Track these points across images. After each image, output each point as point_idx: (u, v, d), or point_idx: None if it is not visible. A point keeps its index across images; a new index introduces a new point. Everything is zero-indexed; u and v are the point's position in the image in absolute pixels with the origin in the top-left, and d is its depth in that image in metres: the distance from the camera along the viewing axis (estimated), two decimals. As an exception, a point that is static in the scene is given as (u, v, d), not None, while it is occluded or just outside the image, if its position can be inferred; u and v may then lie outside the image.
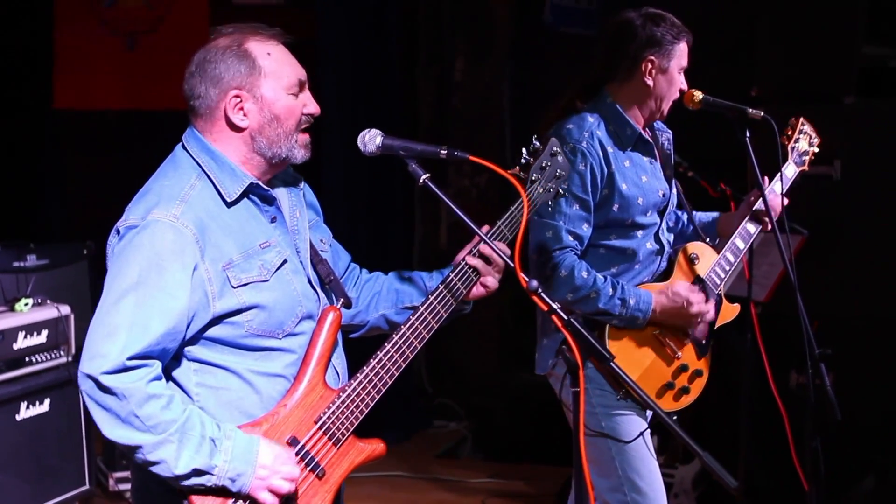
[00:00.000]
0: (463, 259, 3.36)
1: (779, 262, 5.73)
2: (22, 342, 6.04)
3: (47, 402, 6.11)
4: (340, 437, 3.20)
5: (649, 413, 4.34)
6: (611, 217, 4.29)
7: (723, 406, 5.72)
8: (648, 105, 4.40)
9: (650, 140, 4.45)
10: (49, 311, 6.27)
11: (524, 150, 3.48)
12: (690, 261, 4.40)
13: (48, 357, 6.19)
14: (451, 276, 3.34)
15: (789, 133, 4.62)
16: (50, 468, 6.12)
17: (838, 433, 4.58)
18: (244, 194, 3.15)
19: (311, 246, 3.36)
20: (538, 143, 3.46)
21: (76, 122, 9.69)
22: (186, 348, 3.08)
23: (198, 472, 2.96)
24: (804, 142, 4.65)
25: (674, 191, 4.54)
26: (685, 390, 4.41)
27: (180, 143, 3.21)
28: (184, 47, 3.23)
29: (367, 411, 3.24)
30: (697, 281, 4.39)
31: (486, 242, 3.16)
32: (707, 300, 4.35)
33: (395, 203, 8.58)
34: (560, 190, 3.51)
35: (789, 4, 6.37)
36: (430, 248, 8.96)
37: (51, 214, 9.47)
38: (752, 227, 4.51)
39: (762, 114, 4.19)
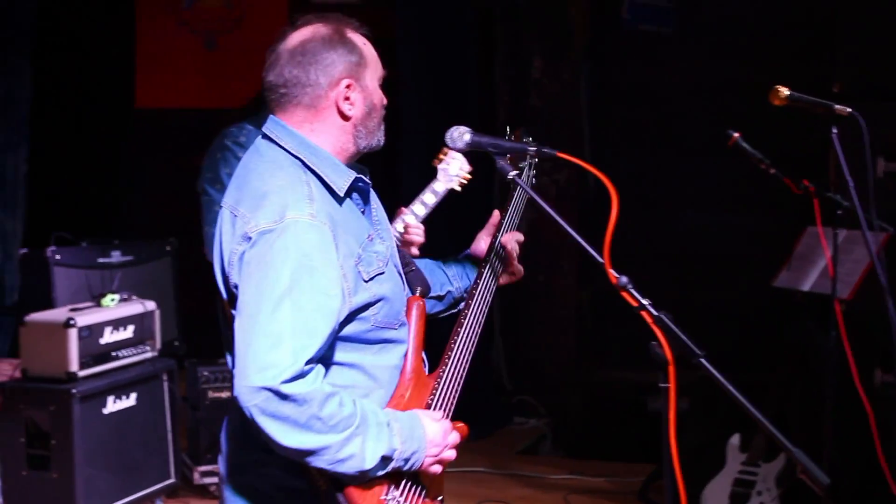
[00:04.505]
0: (499, 244, 3.50)
1: (862, 259, 5.70)
2: (109, 337, 6.12)
3: (133, 396, 6.19)
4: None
5: None
6: None
7: (807, 404, 5.69)
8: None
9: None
10: (135, 307, 6.35)
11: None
12: None
13: (134, 352, 6.27)
14: (492, 259, 3.45)
15: (440, 157, 4.70)
16: (136, 461, 6.19)
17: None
18: (350, 188, 3.09)
19: None
20: (511, 133, 3.56)
21: (157, 121, 9.81)
22: None
23: (384, 459, 2.93)
24: (454, 166, 4.74)
25: None
26: None
27: (262, 139, 3.12)
28: (263, 46, 3.21)
29: (458, 394, 3.27)
30: None
31: (575, 238, 3.16)
32: None
33: (474, 201, 8.59)
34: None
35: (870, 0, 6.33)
36: (508, 246, 8.96)
37: (133, 212, 9.59)
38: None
39: (849, 110, 4.16)
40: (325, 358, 2.96)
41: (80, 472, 5.79)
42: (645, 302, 2.93)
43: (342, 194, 3.05)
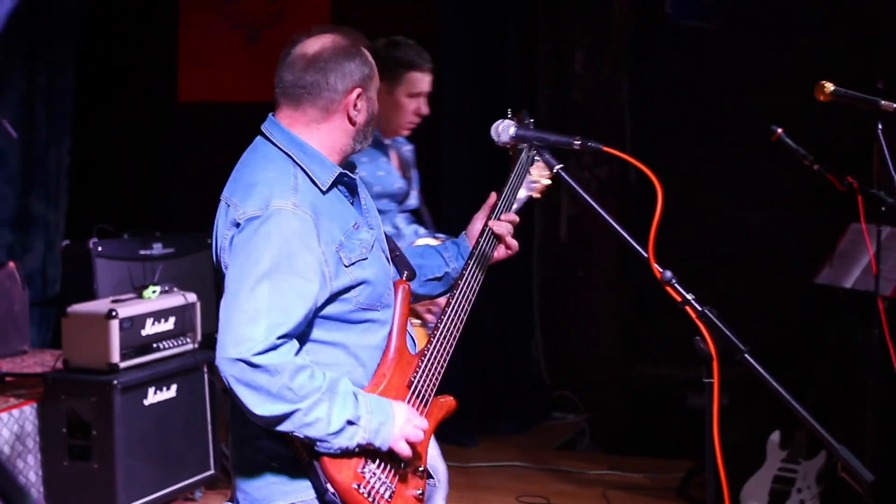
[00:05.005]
0: (488, 226, 3.61)
1: (906, 256, 5.67)
2: (150, 328, 6.15)
3: (174, 387, 6.22)
4: (427, 397, 3.38)
5: None
6: None
7: (848, 402, 5.66)
8: (380, 122, 4.68)
9: (388, 145, 4.93)
10: (176, 299, 6.38)
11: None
12: None
13: (175, 343, 6.31)
14: (482, 242, 3.58)
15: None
16: (176, 453, 6.22)
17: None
18: (334, 183, 3.31)
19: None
20: (512, 116, 3.65)
21: (199, 114, 9.84)
22: None
23: (350, 423, 3.09)
24: (535, 173, 4.75)
25: (414, 193, 5.03)
26: None
27: (260, 136, 3.36)
28: (305, 40, 3.36)
29: (442, 371, 3.41)
30: None
31: (619, 233, 3.15)
32: None
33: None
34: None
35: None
36: (549, 241, 8.96)
37: (175, 204, 9.63)
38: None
39: (895, 106, 4.14)
40: (305, 336, 3.20)
41: (120, 463, 5.83)
42: (689, 297, 2.93)
43: (325, 188, 3.27)
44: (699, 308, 2.90)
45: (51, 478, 6.01)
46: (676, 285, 2.95)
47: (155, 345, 6.19)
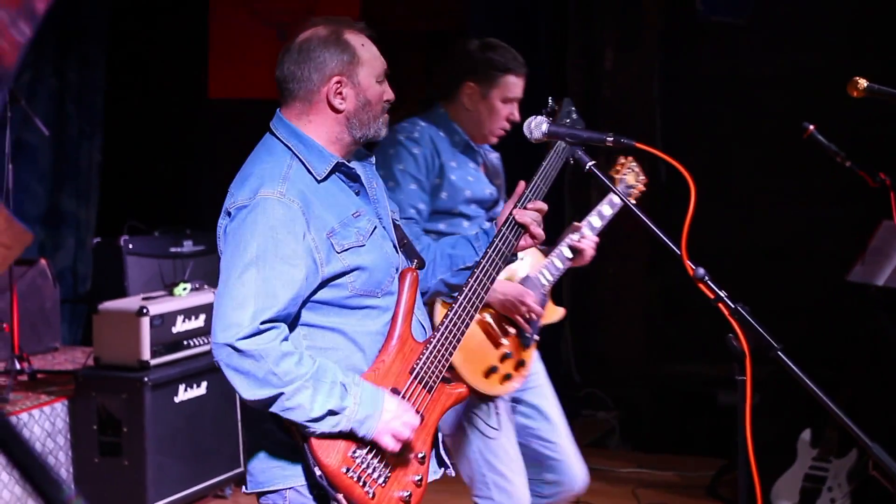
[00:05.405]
0: (511, 215, 3.62)
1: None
2: (180, 326, 6.17)
3: (204, 384, 6.24)
4: (432, 384, 3.41)
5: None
6: (439, 205, 4.57)
7: (880, 400, 5.63)
8: (471, 126, 4.69)
9: (477, 150, 4.74)
10: (206, 296, 6.39)
11: (543, 112, 3.80)
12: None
13: (206, 340, 6.32)
14: (504, 230, 3.60)
15: (618, 168, 4.71)
16: (206, 450, 6.24)
17: None
18: (331, 172, 3.36)
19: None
20: (554, 105, 3.63)
21: (229, 112, 9.84)
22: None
23: (332, 413, 3.14)
24: (631, 177, 4.75)
25: (502, 202, 4.83)
26: (508, 376, 4.55)
27: (268, 132, 3.42)
28: (335, 37, 3.38)
29: (451, 358, 3.44)
30: (524, 278, 4.59)
31: (653, 230, 3.15)
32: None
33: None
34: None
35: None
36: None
37: (205, 202, 9.64)
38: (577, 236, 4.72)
39: (929, 102, 4.11)
40: (304, 320, 3.27)
41: (151, 460, 5.86)
42: (721, 293, 2.92)
43: (320, 178, 3.33)
44: (732, 305, 2.89)
45: (81, 474, 6.04)
46: (709, 282, 2.94)
47: (185, 342, 6.21)
